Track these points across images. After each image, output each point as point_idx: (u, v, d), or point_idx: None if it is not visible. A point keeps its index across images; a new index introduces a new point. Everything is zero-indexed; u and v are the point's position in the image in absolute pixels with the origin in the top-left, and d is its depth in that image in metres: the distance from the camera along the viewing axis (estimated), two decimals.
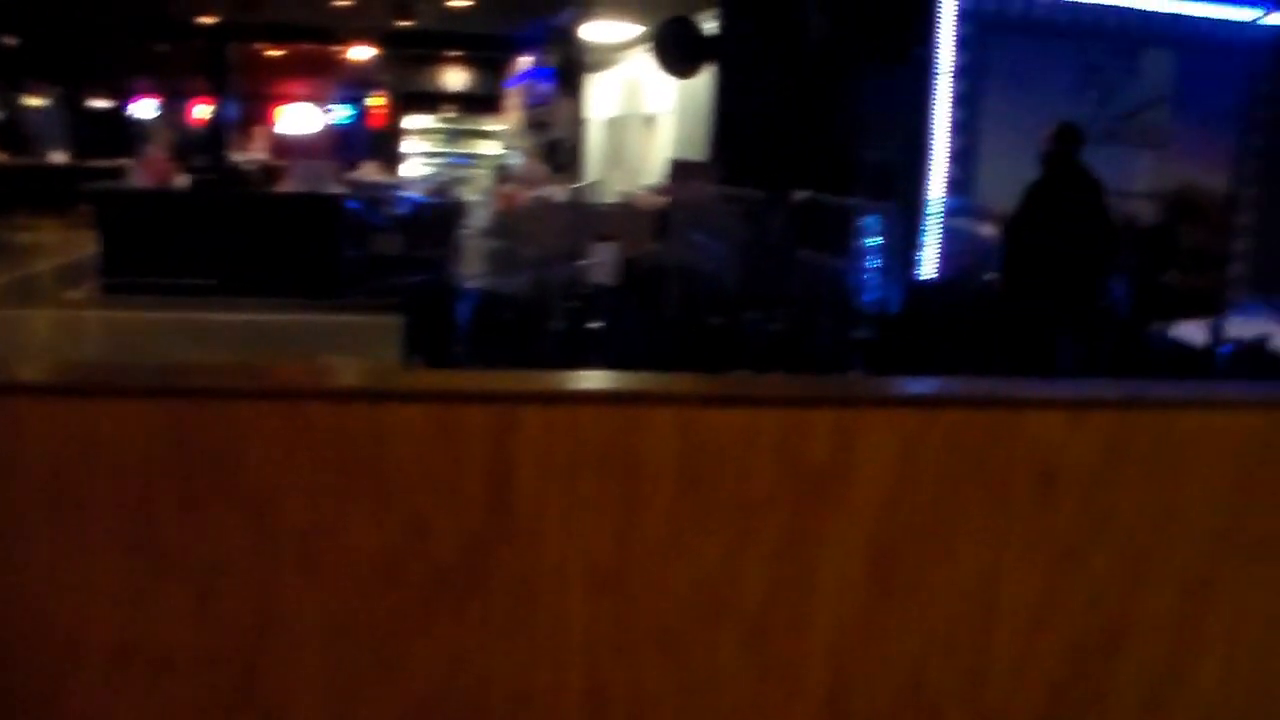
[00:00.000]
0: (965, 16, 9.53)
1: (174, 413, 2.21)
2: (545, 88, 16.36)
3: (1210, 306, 8.08)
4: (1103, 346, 6.41)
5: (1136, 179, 9.73)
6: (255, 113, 20.81)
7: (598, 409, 2.30)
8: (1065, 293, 6.51)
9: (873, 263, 9.13)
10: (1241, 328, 7.07)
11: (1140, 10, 9.55)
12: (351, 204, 11.87)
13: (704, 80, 10.58)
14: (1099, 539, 2.59)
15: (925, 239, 9.79)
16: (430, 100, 22.11)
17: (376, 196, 12.60)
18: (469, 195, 13.05)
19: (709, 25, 10.47)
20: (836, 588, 2.46)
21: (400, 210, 12.32)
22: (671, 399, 2.36)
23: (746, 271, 7.30)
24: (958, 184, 9.86)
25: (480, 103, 21.79)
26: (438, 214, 11.89)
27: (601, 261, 8.87)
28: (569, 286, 7.78)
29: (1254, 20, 6.71)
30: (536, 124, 16.54)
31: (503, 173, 13.84)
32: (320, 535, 2.27)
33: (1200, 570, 2.67)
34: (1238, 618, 2.71)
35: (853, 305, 8.04)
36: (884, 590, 2.49)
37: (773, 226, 7.26)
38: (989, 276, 6.07)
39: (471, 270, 8.90)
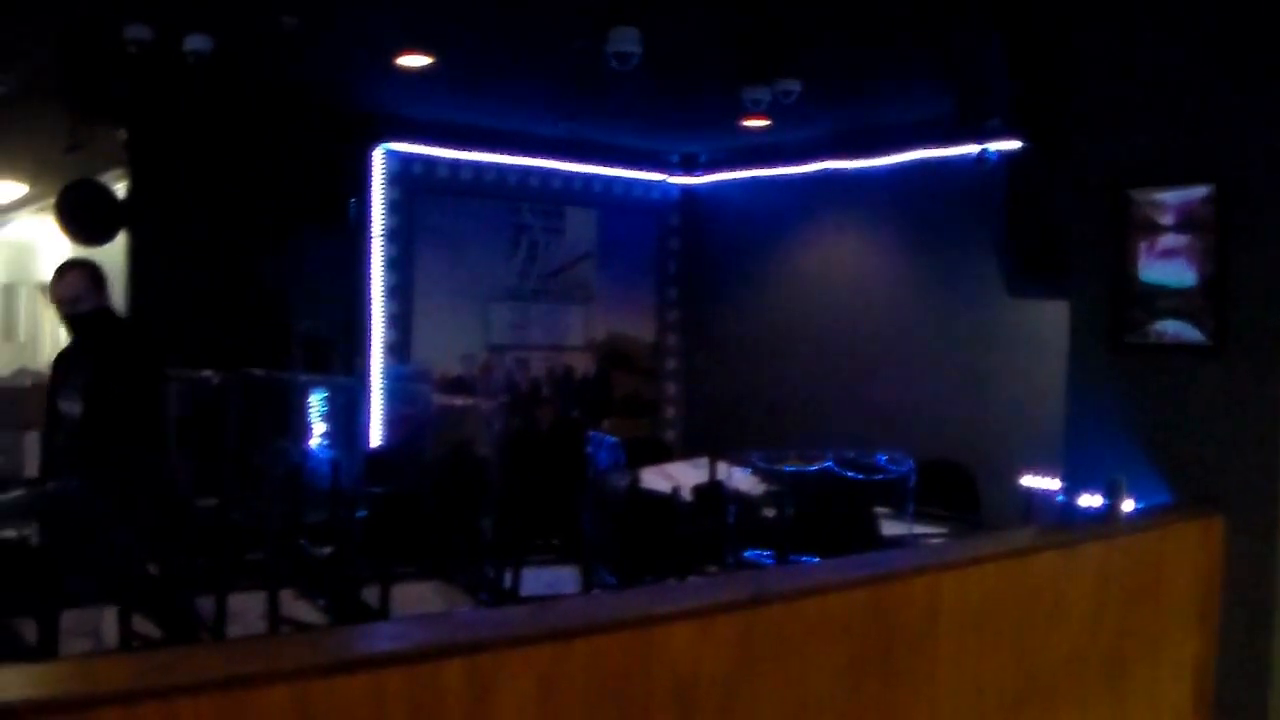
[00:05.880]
0: (394, 180, 9.56)
1: None
2: None
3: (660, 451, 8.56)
4: None
5: (569, 333, 10.19)
6: None
7: (196, 702, 1.78)
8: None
9: (323, 438, 8.74)
10: (693, 473, 7.50)
11: (562, 171, 10.11)
12: None
13: (114, 245, 9.64)
14: None
15: (371, 408, 9.55)
16: None
17: None
18: None
19: (119, 187, 9.61)
20: None
21: None
22: (282, 675, 1.90)
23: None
24: (395, 348, 9.77)
25: None
26: None
27: None
28: None
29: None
30: None
31: None
32: None
33: None
34: None
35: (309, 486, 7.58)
36: None
37: (230, 406, 6.63)
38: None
39: None
